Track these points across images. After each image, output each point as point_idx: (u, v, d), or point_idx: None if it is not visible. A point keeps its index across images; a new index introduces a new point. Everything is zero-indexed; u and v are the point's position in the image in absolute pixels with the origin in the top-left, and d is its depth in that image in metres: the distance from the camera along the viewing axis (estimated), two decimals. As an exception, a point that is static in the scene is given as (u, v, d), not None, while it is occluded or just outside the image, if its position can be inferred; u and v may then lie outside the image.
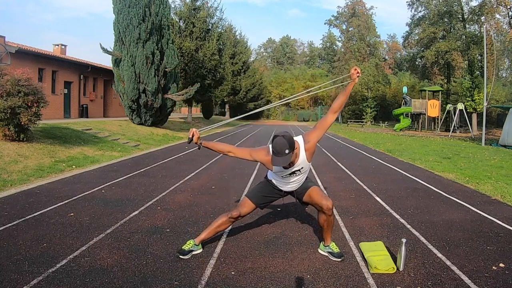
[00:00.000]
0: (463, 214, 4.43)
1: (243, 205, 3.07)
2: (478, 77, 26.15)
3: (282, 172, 2.91)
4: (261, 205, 3.14)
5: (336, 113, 2.94)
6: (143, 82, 14.65)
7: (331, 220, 3.00)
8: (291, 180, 2.98)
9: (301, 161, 2.84)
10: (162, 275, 2.67)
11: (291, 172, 2.88)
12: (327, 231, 3.07)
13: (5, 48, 12.27)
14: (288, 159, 2.63)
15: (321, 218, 3.02)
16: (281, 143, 2.59)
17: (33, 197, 4.82)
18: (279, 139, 2.61)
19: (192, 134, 2.94)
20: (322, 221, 3.03)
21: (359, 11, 43.15)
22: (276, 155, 2.62)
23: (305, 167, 2.91)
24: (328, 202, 2.91)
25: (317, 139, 2.89)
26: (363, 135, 20.97)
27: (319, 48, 74.82)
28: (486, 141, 16.35)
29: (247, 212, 3.09)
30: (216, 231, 3.12)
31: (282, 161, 2.63)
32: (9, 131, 7.45)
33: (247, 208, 3.06)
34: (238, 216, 3.04)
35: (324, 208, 2.91)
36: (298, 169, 2.88)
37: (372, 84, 40.63)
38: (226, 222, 3.07)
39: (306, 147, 2.84)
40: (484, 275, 2.72)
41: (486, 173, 7.44)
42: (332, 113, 2.93)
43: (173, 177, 6.48)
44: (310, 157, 2.88)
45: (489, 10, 27.21)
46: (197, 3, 24.64)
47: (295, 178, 2.97)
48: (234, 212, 3.03)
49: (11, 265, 2.74)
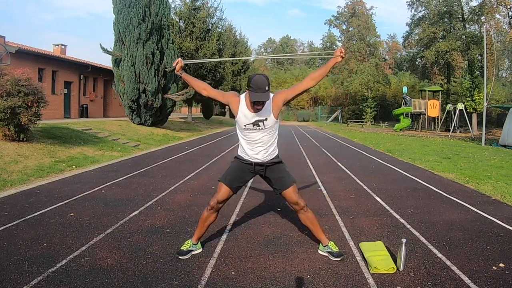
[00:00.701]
0: (463, 214, 4.43)
1: (218, 190, 3.01)
2: (478, 77, 26.17)
3: (246, 119, 2.83)
4: (234, 187, 3.03)
5: (313, 80, 2.86)
6: (143, 82, 14.65)
7: (310, 216, 3.04)
8: (255, 139, 2.90)
9: (266, 110, 2.80)
10: (162, 275, 2.67)
11: (254, 121, 2.82)
12: (317, 231, 3.09)
13: (5, 48, 12.27)
14: (267, 96, 2.65)
15: (301, 218, 3.08)
16: (262, 80, 2.63)
17: (33, 197, 4.82)
18: (259, 76, 2.66)
19: (176, 62, 3.06)
20: (304, 221, 3.08)
21: (359, 11, 43.12)
22: (256, 91, 2.63)
23: (269, 120, 2.84)
24: (300, 201, 2.99)
25: (286, 95, 2.86)
26: (363, 135, 20.97)
27: (319, 48, 74.71)
28: (486, 141, 16.36)
29: (224, 197, 2.99)
30: (205, 225, 3.06)
31: (262, 96, 2.64)
32: (9, 131, 7.45)
33: (222, 193, 2.98)
34: (216, 203, 2.96)
35: (296, 207, 3.03)
36: (262, 119, 2.82)
37: (372, 84, 40.60)
38: (209, 215, 3.01)
39: (273, 98, 2.83)
40: (484, 275, 2.72)
41: (486, 173, 7.44)
42: (309, 79, 2.87)
43: (173, 177, 6.48)
44: (275, 111, 2.84)
45: (489, 10, 27.22)
46: (197, 3, 24.63)
47: (259, 135, 2.88)
48: (212, 202, 2.98)
49: (11, 265, 2.74)
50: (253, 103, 2.72)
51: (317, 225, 3.10)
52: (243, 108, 2.84)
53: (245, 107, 2.83)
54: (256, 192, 5.31)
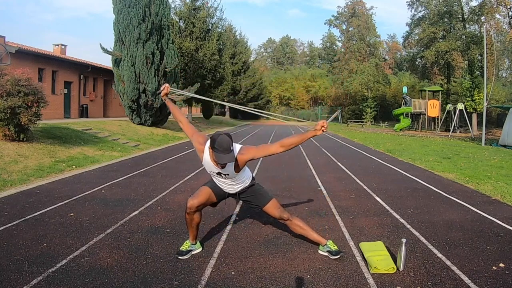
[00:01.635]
0: (463, 214, 4.43)
1: (199, 193, 2.97)
2: (478, 77, 26.16)
3: (209, 167, 2.85)
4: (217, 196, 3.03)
5: (283, 147, 2.79)
6: (143, 82, 14.65)
7: (297, 223, 3.10)
8: (220, 181, 2.95)
9: (228, 167, 2.76)
10: (162, 275, 2.67)
11: (217, 172, 2.83)
12: (310, 234, 3.12)
13: (5, 48, 12.27)
14: (231, 157, 2.61)
15: (291, 227, 3.15)
16: (227, 141, 2.58)
17: (33, 197, 4.82)
18: (223, 137, 2.59)
19: (163, 88, 3.14)
20: (295, 229, 3.15)
21: (359, 11, 43.13)
22: (221, 153, 2.57)
23: (231, 174, 2.83)
24: (284, 214, 3.04)
25: (252, 156, 2.82)
26: (363, 135, 20.97)
27: (319, 48, 74.82)
28: (486, 141, 16.35)
29: (202, 201, 2.93)
30: (193, 226, 3.01)
31: (228, 158, 2.58)
32: (9, 131, 7.45)
33: (202, 196, 2.94)
34: (192, 205, 2.88)
35: (282, 222, 3.12)
36: (224, 174, 2.82)
37: (372, 84, 40.61)
38: (191, 217, 2.93)
39: (238, 157, 2.77)
40: (484, 275, 2.72)
41: (486, 173, 7.44)
42: (279, 146, 2.80)
43: (173, 177, 6.48)
44: (238, 168, 2.82)
45: (489, 10, 27.23)
46: (197, 3, 24.62)
47: (224, 180, 2.90)
48: (188, 203, 2.90)
49: (11, 265, 2.74)
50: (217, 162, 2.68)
51: (308, 229, 3.12)
52: (206, 158, 2.81)
53: (208, 159, 2.79)
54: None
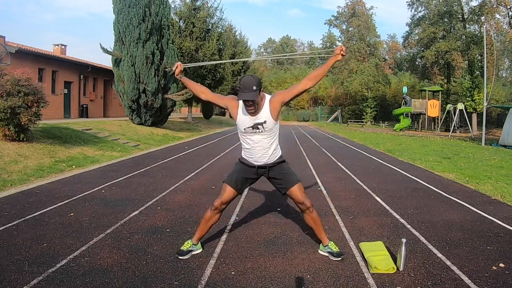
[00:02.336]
0: (463, 214, 4.43)
1: (223, 192, 3.02)
2: (478, 77, 26.16)
3: (245, 123, 2.85)
4: (239, 189, 3.05)
5: (311, 81, 2.85)
6: (143, 82, 14.64)
7: (314, 216, 3.04)
8: (256, 142, 2.90)
9: (264, 112, 2.81)
10: (162, 275, 2.67)
11: (253, 124, 2.83)
12: (318, 231, 3.09)
13: (5, 48, 12.27)
14: (255, 95, 2.65)
15: (306, 218, 3.07)
16: (249, 80, 2.67)
17: (33, 197, 4.82)
18: (247, 77, 2.69)
19: (176, 66, 3.11)
20: (308, 220, 3.08)
21: (359, 11, 43.10)
22: (243, 91, 2.65)
23: (268, 122, 2.84)
24: (306, 201, 2.97)
25: (283, 97, 2.86)
26: (363, 135, 20.97)
27: (319, 48, 74.73)
28: (486, 141, 16.35)
29: (228, 199, 3.01)
30: (208, 226, 3.07)
31: (249, 96, 2.65)
32: (9, 131, 7.45)
33: (226, 194, 3.00)
34: (220, 204, 2.98)
35: (302, 207, 3.01)
36: (261, 122, 2.83)
37: (372, 84, 40.60)
38: (212, 215, 3.02)
39: (271, 100, 2.84)
40: (484, 275, 2.72)
41: (486, 173, 7.44)
42: (307, 80, 2.86)
43: (173, 177, 6.48)
44: (274, 113, 2.84)
45: (489, 10, 27.23)
46: (197, 3, 24.63)
47: (260, 137, 2.88)
48: (216, 202, 2.99)
49: (11, 265, 2.74)
50: (244, 105, 2.75)
51: (320, 226, 3.10)
52: (241, 112, 2.86)
53: (243, 111, 2.84)
54: (256, 192, 5.30)
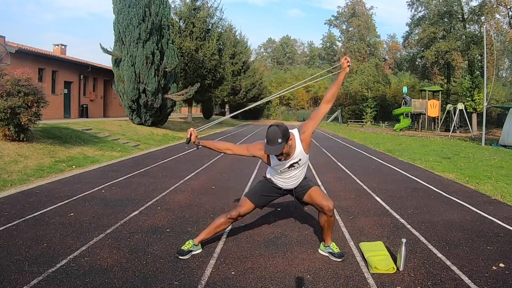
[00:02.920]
0: (463, 214, 4.43)
1: (242, 205, 3.05)
2: (478, 77, 26.16)
3: (280, 166, 2.89)
4: (261, 205, 3.13)
5: (329, 103, 2.92)
6: (143, 82, 14.64)
7: (331, 220, 3.00)
8: (290, 175, 2.96)
9: (298, 152, 2.83)
10: (162, 275, 2.67)
11: (289, 165, 2.87)
12: (328, 232, 3.07)
13: (5, 48, 12.27)
14: (280, 148, 2.65)
15: (322, 219, 3.02)
16: (274, 132, 2.65)
17: (33, 197, 4.82)
18: (272, 128, 2.68)
19: (190, 134, 2.87)
20: (323, 222, 3.03)
21: (359, 11, 43.13)
22: (269, 144, 2.65)
23: (303, 159, 2.89)
24: (329, 203, 2.91)
25: (312, 129, 2.90)
26: (363, 135, 20.97)
27: (319, 48, 74.80)
28: (486, 141, 16.35)
29: (246, 212, 3.06)
30: (215, 231, 3.11)
31: (273, 150, 2.65)
32: (9, 131, 7.45)
33: (246, 208, 3.04)
34: (237, 216, 3.02)
35: (325, 209, 2.91)
36: (296, 161, 2.86)
37: (372, 84, 40.61)
38: (225, 223, 3.06)
39: (301, 138, 2.84)
40: (484, 275, 2.72)
41: (486, 173, 7.44)
42: (326, 103, 2.93)
43: (173, 177, 6.48)
44: (306, 148, 2.87)
45: (489, 10, 27.23)
46: (197, 3, 24.62)
47: (294, 172, 2.94)
48: (233, 213, 3.01)
49: (11, 265, 2.74)
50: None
51: (331, 228, 3.09)
52: (274, 160, 2.86)
53: (275, 158, 2.83)
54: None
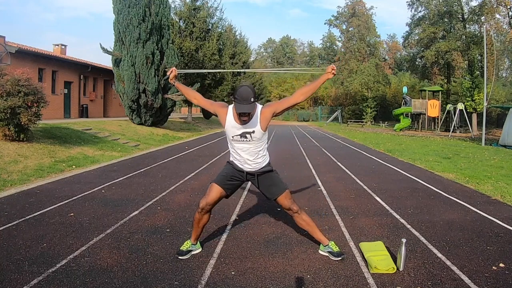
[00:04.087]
0: (463, 214, 4.43)
1: (209, 192, 2.99)
2: (478, 77, 26.14)
3: (233, 131, 2.85)
4: (227, 190, 3.03)
5: (302, 95, 2.89)
6: (143, 82, 14.65)
7: (305, 218, 3.07)
8: (243, 149, 2.91)
9: (254, 123, 2.80)
10: (162, 275, 2.67)
11: (241, 133, 2.83)
12: (315, 232, 3.11)
13: (5, 48, 12.27)
14: (252, 107, 2.66)
15: (297, 221, 3.11)
16: (247, 91, 2.65)
17: (33, 197, 4.82)
18: (244, 88, 2.67)
19: (170, 71, 3.10)
20: (300, 223, 3.11)
21: (359, 11, 43.14)
22: (241, 102, 2.64)
23: (257, 132, 2.84)
24: (293, 206, 3.03)
25: (275, 109, 2.88)
26: (363, 135, 20.97)
27: (319, 48, 74.85)
28: (486, 141, 16.34)
29: (214, 199, 2.96)
30: (200, 226, 3.04)
31: (247, 108, 2.65)
32: (9, 131, 7.45)
33: (212, 194, 2.96)
34: (205, 204, 2.94)
35: (290, 212, 3.08)
36: (249, 132, 2.83)
37: (372, 84, 40.61)
38: (201, 216, 2.99)
39: (262, 111, 2.84)
40: (484, 275, 2.72)
41: (486, 173, 7.43)
42: (299, 95, 2.90)
43: (173, 177, 6.48)
44: (263, 124, 2.84)
45: (489, 10, 27.22)
46: (197, 3, 24.64)
47: (247, 145, 2.89)
48: (201, 203, 2.95)
49: (11, 265, 2.74)
50: (239, 115, 2.72)
51: (314, 227, 3.11)
52: (230, 119, 2.84)
53: (232, 119, 2.83)
54: (256, 192, 5.30)
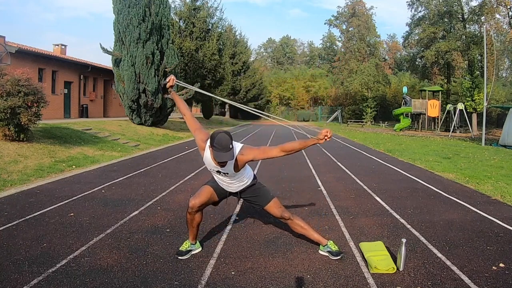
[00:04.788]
0: (463, 214, 4.43)
1: (200, 192, 2.97)
2: (478, 77, 26.13)
3: (209, 166, 2.86)
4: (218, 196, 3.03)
5: (283, 152, 2.80)
6: (143, 82, 14.65)
7: (299, 222, 3.09)
8: (219, 178, 2.94)
9: (228, 165, 2.76)
10: (162, 275, 2.67)
11: (217, 170, 2.83)
12: (311, 234, 3.11)
13: (5, 48, 12.27)
14: (231, 155, 2.62)
15: (291, 226, 3.15)
16: (226, 139, 2.58)
17: (33, 197, 4.82)
18: (222, 135, 2.60)
19: (169, 79, 3.02)
20: (295, 228, 3.14)
21: (359, 11, 43.12)
22: (221, 151, 2.57)
23: (231, 174, 2.83)
24: (284, 213, 3.05)
25: (252, 158, 2.82)
26: (363, 135, 20.96)
27: (319, 48, 74.85)
28: (486, 141, 16.34)
29: (204, 200, 2.94)
30: (194, 226, 3.03)
31: (228, 156, 2.60)
32: (9, 131, 7.45)
33: (204, 195, 2.94)
34: (194, 205, 2.89)
35: (283, 220, 3.11)
36: (224, 172, 2.82)
37: (372, 84, 40.60)
38: (192, 217, 2.96)
39: (238, 157, 2.77)
40: (484, 275, 2.72)
41: (486, 173, 7.43)
42: (280, 150, 2.80)
43: (173, 177, 6.48)
44: (237, 168, 2.82)
45: (489, 10, 27.20)
46: (197, 3, 24.66)
47: (223, 178, 2.91)
48: (191, 203, 2.91)
49: (11, 265, 2.74)
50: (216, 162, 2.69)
51: (309, 229, 3.12)
52: (207, 156, 2.81)
53: (209, 156, 2.78)
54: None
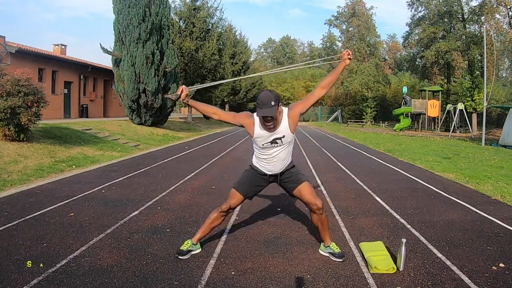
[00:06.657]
0: (463, 214, 4.43)
1: (232, 197, 3.03)
2: (478, 77, 26.13)
3: (263, 139, 2.84)
4: (249, 195, 3.07)
5: (324, 89, 2.90)
6: (143, 82, 14.65)
7: (323, 218, 3.00)
8: (272, 154, 2.90)
9: (283, 128, 2.80)
10: (162, 275, 2.67)
11: (272, 139, 2.82)
12: (324, 231, 3.07)
13: (5, 48, 12.27)
14: (273, 111, 2.63)
15: (314, 218, 3.04)
16: (267, 95, 2.65)
17: (33, 197, 4.82)
18: (265, 92, 2.67)
19: (181, 91, 2.89)
20: (315, 221, 3.05)
21: (359, 11, 43.10)
22: (262, 107, 2.62)
23: (287, 137, 2.84)
24: (318, 201, 2.91)
25: (301, 109, 2.87)
26: (363, 135, 20.96)
27: (319, 48, 74.80)
28: (486, 141, 16.34)
29: (237, 204, 3.07)
30: (210, 227, 3.10)
31: (267, 112, 2.62)
32: (9, 131, 7.45)
33: (235, 200, 3.03)
34: (228, 209, 3.02)
35: (314, 208, 2.93)
36: (279, 137, 2.82)
37: (372, 84, 40.58)
38: (218, 217, 3.06)
39: (289, 114, 2.83)
40: (484, 275, 2.72)
41: (486, 173, 7.43)
42: (320, 88, 2.90)
43: (173, 177, 6.48)
44: (292, 126, 2.84)
45: (489, 10, 27.20)
46: (197, 3, 24.65)
47: (276, 150, 2.88)
48: (224, 206, 3.01)
49: (11, 265, 2.74)
50: (263, 119, 2.71)
51: (327, 227, 3.08)
52: (258, 129, 2.83)
53: (260, 128, 2.82)
54: (256, 192, 5.30)
